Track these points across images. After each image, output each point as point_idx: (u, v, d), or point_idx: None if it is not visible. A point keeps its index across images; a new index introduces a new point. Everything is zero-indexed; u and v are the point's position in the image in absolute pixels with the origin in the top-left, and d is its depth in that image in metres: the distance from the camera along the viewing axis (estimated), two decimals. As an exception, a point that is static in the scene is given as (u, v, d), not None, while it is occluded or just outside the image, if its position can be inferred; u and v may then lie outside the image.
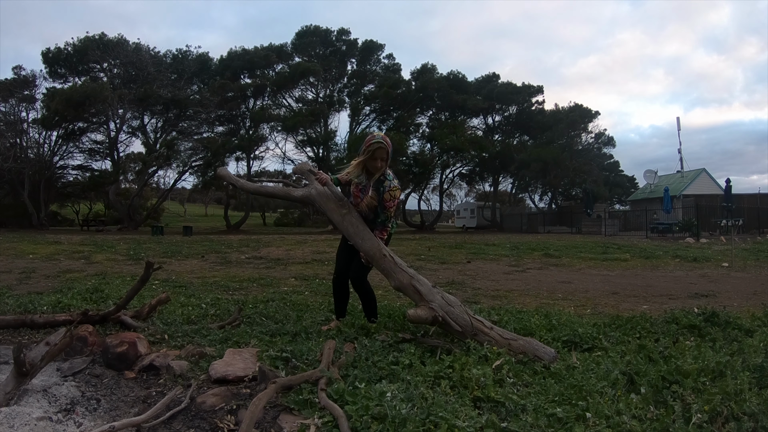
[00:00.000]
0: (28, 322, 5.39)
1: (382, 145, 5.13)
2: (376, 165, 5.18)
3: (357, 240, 5.15)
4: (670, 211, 37.00)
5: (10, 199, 44.19)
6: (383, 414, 2.84)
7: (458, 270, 12.87)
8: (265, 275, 11.16)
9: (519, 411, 3.03)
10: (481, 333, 4.39)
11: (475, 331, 4.40)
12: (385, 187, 5.23)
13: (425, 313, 4.46)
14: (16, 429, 3.04)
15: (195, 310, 6.43)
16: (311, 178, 5.75)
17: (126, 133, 47.84)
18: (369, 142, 5.16)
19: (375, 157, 5.16)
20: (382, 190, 5.23)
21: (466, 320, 4.45)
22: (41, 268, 12.78)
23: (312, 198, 5.70)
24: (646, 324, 5.33)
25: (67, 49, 45.04)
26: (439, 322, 4.47)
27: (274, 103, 49.84)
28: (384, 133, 6.03)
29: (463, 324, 4.43)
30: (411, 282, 4.74)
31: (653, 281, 10.92)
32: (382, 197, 5.24)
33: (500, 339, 4.31)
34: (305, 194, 5.80)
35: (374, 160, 5.17)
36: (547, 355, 4.10)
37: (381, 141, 5.13)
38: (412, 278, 4.76)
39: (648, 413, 3.01)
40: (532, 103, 53.94)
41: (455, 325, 4.44)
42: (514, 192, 61.22)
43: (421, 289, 4.66)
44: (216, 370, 3.77)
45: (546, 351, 4.14)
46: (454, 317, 4.46)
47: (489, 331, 4.40)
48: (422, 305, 4.52)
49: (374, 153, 5.15)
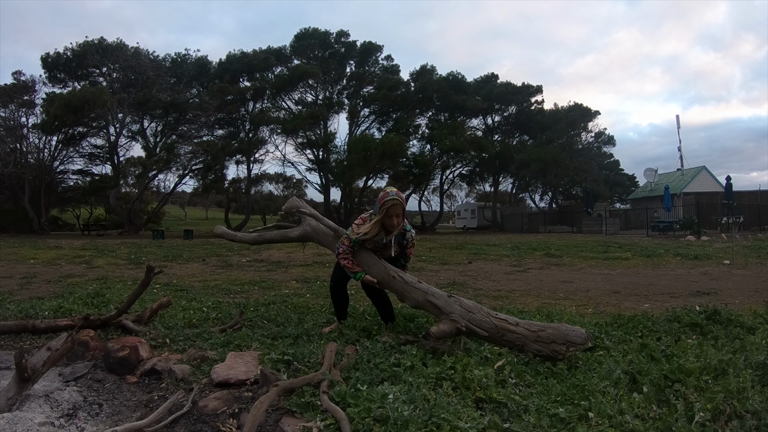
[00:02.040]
0: (29, 327, 5.39)
1: (396, 201, 5.08)
2: (393, 222, 5.12)
3: (363, 268, 5.16)
4: (671, 209, 36.97)
5: (10, 204, 44.12)
6: (385, 416, 2.84)
7: (459, 271, 12.87)
8: (266, 278, 11.16)
9: (521, 411, 3.03)
10: (508, 332, 4.36)
11: (501, 332, 4.38)
12: (408, 240, 5.31)
13: (448, 326, 4.45)
14: (18, 434, 3.02)
15: (196, 313, 6.44)
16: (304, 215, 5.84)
17: (126, 137, 47.83)
18: (383, 200, 5.08)
19: (390, 214, 5.09)
20: (405, 243, 5.32)
21: (490, 323, 4.43)
22: (42, 273, 12.78)
23: (309, 235, 5.89)
24: (647, 323, 5.34)
25: (66, 54, 45.02)
26: (464, 332, 4.46)
27: (273, 106, 49.81)
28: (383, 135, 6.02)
29: (488, 328, 4.42)
30: (426, 298, 4.75)
31: (654, 280, 10.91)
32: (406, 249, 5.36)
33: (529, 333, 4.28)
34: (302, 233, 5.96)
35: (390, 218, 5.10)
36: (579, 338, 4.08)
37: (396, 198, 5.09)
38: (426, 293, 4.77)
39: (650, 412, 3.01)
40: (532, 103, 53.92)
41: (481, 331, 4.42)
42: (515, 192, 61.16)
43: (438, 303, 4.66)
44: (218, 373, 3.78)
45: (577, 333, 4.12)
46: (477, 323, 4.45)
47: (515, 328, 4.37)
48: (443, 319, 4.52)
49: (389, 210, 5.07)
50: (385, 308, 5.52)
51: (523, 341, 4.23)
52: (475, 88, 52.44)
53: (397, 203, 5.07)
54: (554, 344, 4.09)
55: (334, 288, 5.65)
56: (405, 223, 5.26)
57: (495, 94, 51.41)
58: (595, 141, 57.36)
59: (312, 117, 45.90)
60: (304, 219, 6.12)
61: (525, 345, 4.22)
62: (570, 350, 4.05)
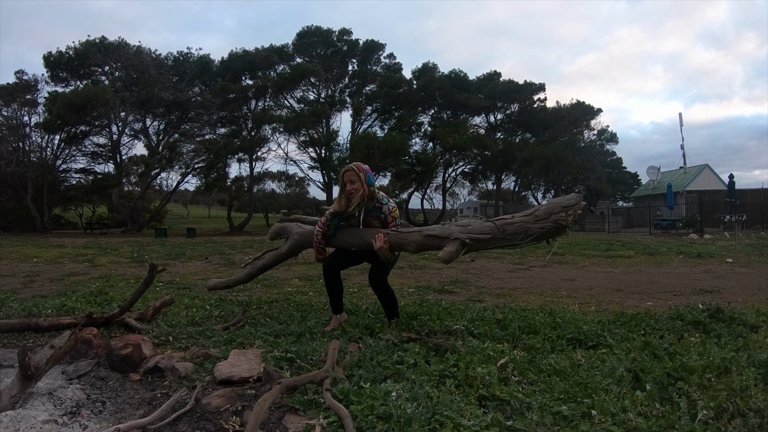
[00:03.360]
0: (32, 325, 5.39)
1: (348, 168, 5.34)
2: (349, 189, 5.30)
3: (358, 242, 5.20)
4: (674, 208, 36.95)
5: (13, 203, 44.24)
6: (388, 413, 2.84)
7: (462, 268, 12.86)
8: (268, 276, 11.12)
9: (524, 409, 3.03)
10: (509, 225, 4.47)
11: (502, 229, 4.48)
12: (385, 212, 5.37)
13: (453, 246, 4.58)
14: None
15: (199, 311, 6.44)
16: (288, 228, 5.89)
17: (128, 136, 47.97)
18: (341, 171, 5.38)
19: (345, 181, 5.34)
20: (383, 217, 5.37)
21: (490, 225, 4.52)
22: (45, 271, 12.80)
23: (299, 242, 5.98)
24: (650, 321, 5.34)
25: (68, 53, 45.11)
26: (469, 244, 4.54)
27: (275, 104, 49.90)
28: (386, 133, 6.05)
29: (489, 230, 4.55)
30: (423, 234, 4.94)
31: (657, 278, 10.91)
32: (386, 221, 5.37)
33: (527, 218, 4.47)
34: (292, 244, 6.10)
35: (346, 185, 5.33)
36: (573, 200, 4.14)
37: (350, 166, 5.35)
38: (422, 231, 4.98)
39: (653, 410, 3.00)
40: (534, 101, 53.93)
41: (483, 236, 4.54)
42: (517, 190, 61.10)
43: (435, 233, 4.87)
44: (221, 371, 3.78)
45: (569, 198, 4.19)
46: (477, 232, 4.58)
47: (513, 219, 4.48)
48: (446, 244, 4.58)
49: (343, 178, 5.38)
50: (390, 304, 5.51)
51: (525, 227, 4.27)
52: (478, 86, 52.45)
53: (349, 169, 5.35)
54: (553, 215, 4.12)
55: (327, 270, 5.65)
56: (381, 196, 5.41)
57: (498, 92, 51.40)
58: (597, 139, 57.43)
59: (314, 115, 45.92)
60: (290, 232, 6.17)
61: (528, 230, 4.28)
62: (569, 214, 4.07)
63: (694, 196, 38.12)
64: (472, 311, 6.00)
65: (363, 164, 5.42)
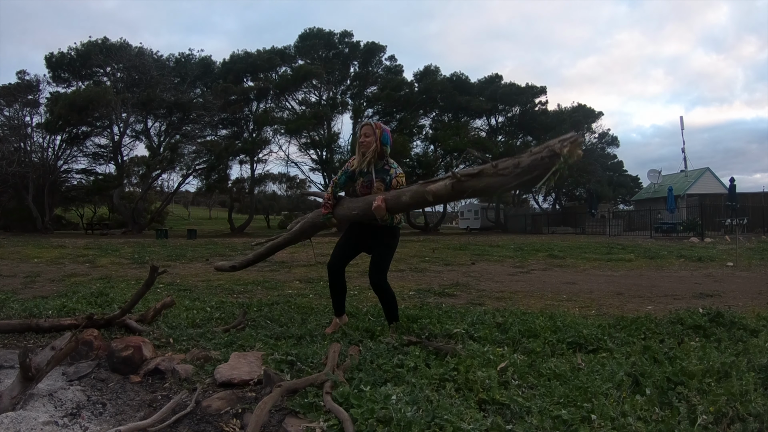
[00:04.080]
0: (33, 326, 5.40)
1: (367, 122, 5.40)
2: (363, 141, 5.30)
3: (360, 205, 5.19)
4: (675, 211, 36.98)
5: (14, 203, 44.34)
6: (388, 417, 2.84)
7: (463, 272, 12.86)
8: (269, 278, 11.16)
9: (524, 413, 3.03)
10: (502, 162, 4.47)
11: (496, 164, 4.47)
12: (392, 176, 5.27)
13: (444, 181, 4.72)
14: (22, 433, 3.03)
15: (200, 313, 6.44)
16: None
17: (130, 136, 48.06)
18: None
19: (360, 134, 5.38)
20: (388, 180, 5.27)
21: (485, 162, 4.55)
22: (46, 272, 12.81)
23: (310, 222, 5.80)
24: (650, 325, 5.33)
25: (70, 54, 45.16)
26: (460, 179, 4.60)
27: (277, 106, 49.97)
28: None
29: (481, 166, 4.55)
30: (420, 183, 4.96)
31: (658, 281, 10.90)
32: (390, 185, 5.26)
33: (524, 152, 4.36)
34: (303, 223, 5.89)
35: (360, 138, 5.35)
36: (570, 134, 4.09)
37: (369, 121, 5.43)
38: (419, 183, 4.97)
39: (653, 415, 3.01)
40: (536, 104, 54.06)
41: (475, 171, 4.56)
42: (518, 193, 61.18)
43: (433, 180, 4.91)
44: (221, 373, 3.78)
45: (564, 137, 4.12)
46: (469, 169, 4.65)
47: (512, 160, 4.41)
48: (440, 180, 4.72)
49: (360, 132, 5.40)
50: (390, 306, 5.48)
51: (518, 160, 4.22)
52: (479, 88, 52.51)
53: (367, 124, 5.40)
54: (549, 146, 4.07)
55: (331, 268, 5.66)
56: (391, 162, 5.38)
57: (499, 94, 51.48)
58: (598, 142, 57.41)
59: (316, 117, 45.97)
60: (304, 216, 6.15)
61: (521, 162, 4.23)
62: (565, 145, 4.03)
63: (695, 200, 38.15)
64: (473, 315, 5.99)
65: (384, 125, 5.44)
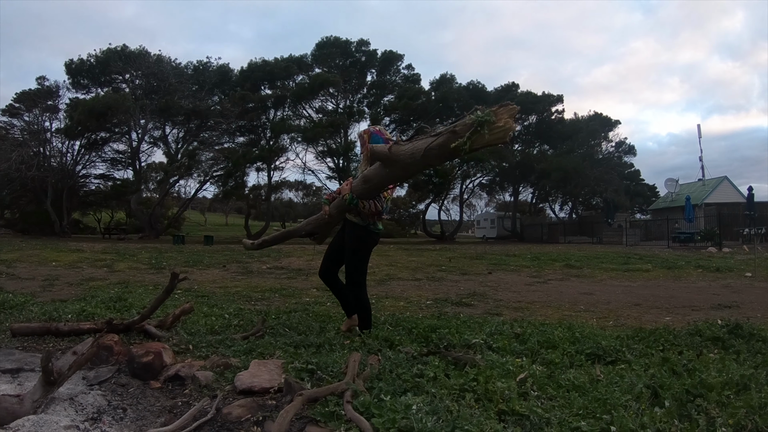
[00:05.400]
0: (53, 330, 5.46)
1: (359, 132, 5.66)
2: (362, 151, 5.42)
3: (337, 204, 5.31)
4: (692, 220, 36.70)
5: (33, 206, 44.80)
6: (410, 427, 2.85)
7: (479, 281, 12.85)
8: (286, 285, 11.19)
9: (544, 424, 3.03)
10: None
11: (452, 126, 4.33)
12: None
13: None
14: (44, 437, 3.06)
15: (218, 320, 6.47)
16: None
17: (148, 143, 48.34)
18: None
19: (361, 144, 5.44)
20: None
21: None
22: (64, 275, 12.92)
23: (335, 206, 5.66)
24: (669, 336, 5.30)
25: (89, 61, 45.58)
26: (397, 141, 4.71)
27: (294, 114, 50.05)
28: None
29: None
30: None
31: (676, 292, 10.84)
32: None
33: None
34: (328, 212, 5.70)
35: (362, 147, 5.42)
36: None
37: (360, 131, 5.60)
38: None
39: (672, 427, 3.00)
40: (552, 113, 53.89)
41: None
42: (535, 202, 61.01)
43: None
44: (242, 381, 3.80)
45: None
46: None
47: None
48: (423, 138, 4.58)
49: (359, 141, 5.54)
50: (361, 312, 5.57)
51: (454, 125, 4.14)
52: (496, 97, 52.27)
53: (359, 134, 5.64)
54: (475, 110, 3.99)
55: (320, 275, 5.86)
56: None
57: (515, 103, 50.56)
58: (615, 150, 57.04)
59: (332, 125, 46.04)
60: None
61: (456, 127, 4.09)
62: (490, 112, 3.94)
63: (712, 209, 37.83)
64: (491, 325, 5.99)
65: (376, 127, 5.50)
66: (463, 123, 4.03)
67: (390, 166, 4.76)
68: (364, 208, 5.24)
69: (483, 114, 3.91)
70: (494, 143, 4.04)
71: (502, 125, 3.93)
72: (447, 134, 4.13)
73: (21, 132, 43.99)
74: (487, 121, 3.89)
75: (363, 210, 5.25)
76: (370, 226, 5.41)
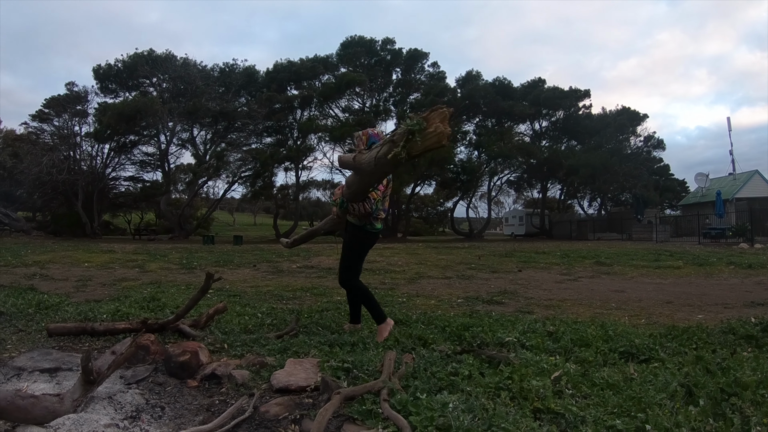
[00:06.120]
0: (88, 329, 5.55)
1: (356, 134, 5.77)
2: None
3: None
4: (723, 216, 36.20)
5: (64, 209, 45.59)
6: (447, 425, 2.87)
7: (510, 279, 12.81)
8: (317, 284, 11.23)
9: (579, 423, 3.04)
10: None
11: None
12: None
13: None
14: (84, 435, 3.12)
15: (252, 319, 6.53)
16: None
17: (176, 145, 48.92)
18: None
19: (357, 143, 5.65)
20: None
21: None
22: (97, 276, 13.09)
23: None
24: (702, 334, 5.28)
25: (117, 66, 46.24)
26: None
27: (321, 114, 50.20)
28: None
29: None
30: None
31: (708, 289, 10.73)
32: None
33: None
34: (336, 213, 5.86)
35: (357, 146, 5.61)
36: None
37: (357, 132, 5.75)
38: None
39: (707, 426, 2.99)
40: (579, 108, 53.44)
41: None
42: (563, 198, 60.53)
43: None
44: (278, 379, 3.84)
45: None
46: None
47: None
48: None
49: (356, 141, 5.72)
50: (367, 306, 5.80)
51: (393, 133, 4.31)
52: (522, 93, 52.09)
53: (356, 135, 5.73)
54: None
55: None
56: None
57: (542, 99, 50.99)
58: (644, 145, 56.29)
59: (359, 124, 45.98)
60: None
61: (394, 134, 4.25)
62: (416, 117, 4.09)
63: (744, 204, 37.37)
64: (523, 323, 6.00)
65: (374, 129, 5.73)
66: (399, 132, 4.14)
67: (357, 173, 4.92)
68: (354, 210, 5.51)
69: (413, 122, 4.02)
70: (433, 148, 4.13)
71: (433, 130, 4.01)
72: (388, 144, 4.25)
73: (51, 137, 44.80)
74: (418, 129, 3.99)
75: (353, 212, 5.54)
76: (366, 226, 5.63)
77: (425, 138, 4.00)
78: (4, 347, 5.12)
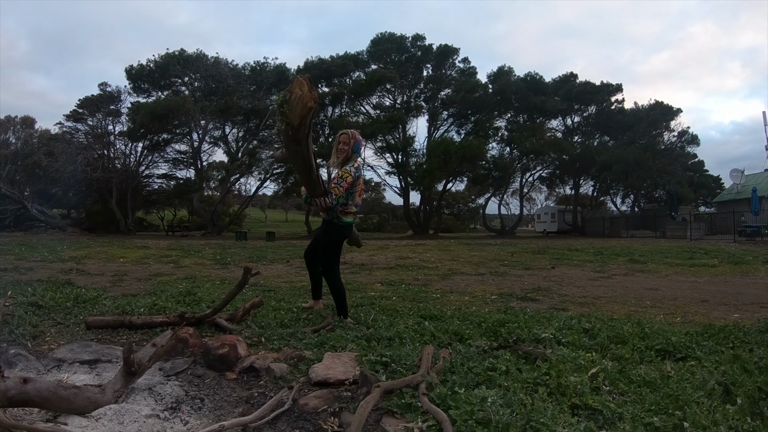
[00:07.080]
0: (126, 322, 5.65)
1: (345, 132, 6.21)
2: (341, 149, 6.10)
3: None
4: (759, 213, 35.60)
5: (99, 206, 46.31)
6: (487, 419, 2.89)
7: (543, 276, 12.77)
8: (351, 280, 11.27)
9: (616, 419, 3.05)
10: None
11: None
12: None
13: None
14: (126, 425, 3.20)
15: (287, 314, 6.59)
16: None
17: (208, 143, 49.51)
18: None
19: (339, 140, 6.15)
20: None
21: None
22: (132, 271, 13.28)
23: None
24: (739, 333, 5.24)
25: (149, 66, 46.90)
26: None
27: (352, 111, 50.36)
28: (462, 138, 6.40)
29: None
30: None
31: (743, 288, 10.60)
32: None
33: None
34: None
35: (339, 143, 6.14)
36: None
37: (346, 130, 6.24)
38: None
39: (745, 424, 2.99)
40: (612, 103, 52.96)
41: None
42: (596, 195, 60.04)
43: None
44: (317, 373, 3.89)
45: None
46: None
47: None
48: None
49: (339, 137, 6.19)
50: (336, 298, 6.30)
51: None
52: (554, 88, 51.74)
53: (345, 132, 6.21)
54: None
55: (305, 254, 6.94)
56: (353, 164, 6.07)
57: (574, 94, 50.61)
58: (678, 140, 55.45)
59: (390, 121, 46.15)
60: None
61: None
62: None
63: (780, 201, 36.75)
64: (559, 320, 5.99)
65: (359, 135, 6.28)
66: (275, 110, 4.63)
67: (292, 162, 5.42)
68: (316, 205, 5.97)
69: (278, 98, 4.54)
70: (306, 112, 4.53)
71: (295, 96, 4.43)
72: (277, 125, 4.70)
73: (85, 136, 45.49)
74: (283, 101, 4.48)
75: (316, 206, 6.00)
76: (334, 220, 6.08)
77: (292, 106, 4.46)
78: (43, 339, 5.22)
